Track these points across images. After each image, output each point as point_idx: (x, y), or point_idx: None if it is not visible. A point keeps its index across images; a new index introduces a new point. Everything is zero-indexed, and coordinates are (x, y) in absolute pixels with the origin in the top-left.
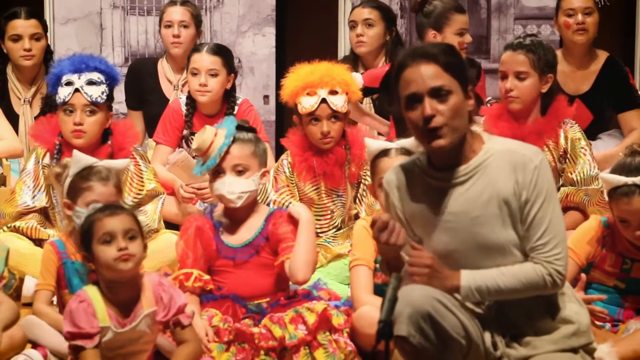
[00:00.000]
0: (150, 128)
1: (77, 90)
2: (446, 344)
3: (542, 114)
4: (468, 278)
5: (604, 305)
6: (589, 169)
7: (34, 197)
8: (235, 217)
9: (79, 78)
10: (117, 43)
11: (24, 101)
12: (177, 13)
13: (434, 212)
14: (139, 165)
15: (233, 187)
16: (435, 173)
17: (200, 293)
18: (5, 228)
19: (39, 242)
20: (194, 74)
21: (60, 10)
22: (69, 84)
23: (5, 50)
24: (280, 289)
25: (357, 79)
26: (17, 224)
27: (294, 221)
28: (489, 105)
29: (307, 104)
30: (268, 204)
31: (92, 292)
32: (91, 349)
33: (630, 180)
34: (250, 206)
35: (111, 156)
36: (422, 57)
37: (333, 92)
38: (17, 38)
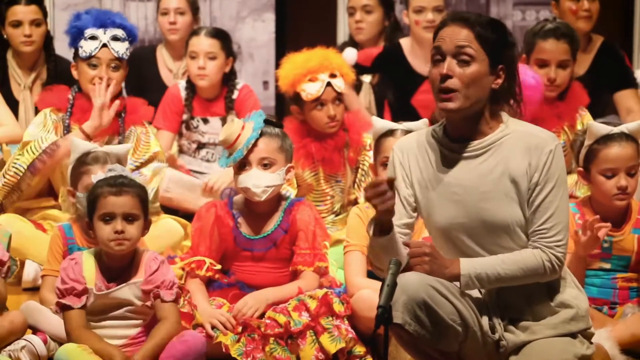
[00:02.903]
0: None
1: (104, 45)
2: (442, 331)
3: (560, 99)
4: (467, 266)
5: (598, 291)
6: None
7: (43, 136)
8: (254, 209)
9: (105, 33)
10: None
11: (24, 87)
12: (173, 1)
13: (443, 182)
14: (148, 133)
15: (259, 181)
16: (450, 143)
17: (208, 281)
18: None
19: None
20: (193, 57)
21: None
22: (93, 37)
23: (5, 36)
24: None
25: (351, 54)
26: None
27: (315, 213)
28: None
29: (312, 89)
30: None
31: (85, 255)
32: (77, 310)
33: (617, 129)
34: (271, 198)
35: (124, 110)
36: (460, 20)
37: (333, 76)
38: (18, 24)
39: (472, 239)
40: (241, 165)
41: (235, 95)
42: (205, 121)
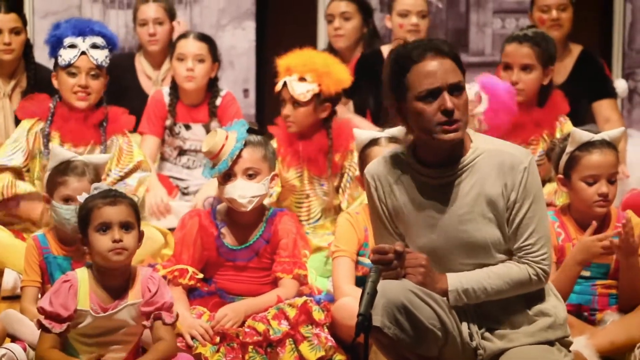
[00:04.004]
0: None
1: (83, 53)
2: (422, 335)
3: (540, 106)
4: (454, 282)
5: (577, 298)
6: None
7: (11, 155)
8: (237, 219)
9: (84, 41)
10: None
11: (4, 95)
12: (150, 11)
13: (420, 207)
14: (131, 142)
15: (245, 191)
16: (424, 169)
17: (188, 289)
18: None
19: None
20: (180, 60)
21: (40, 4)
22: (72, 46)
23: None
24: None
25: None
26: None
27: (296, 223)
28: None
29: (278, 84)
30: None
31: (80, 274)
32: (54, 335)
33: (598, 136)
34: (254, 208)
35: (105, 120)
36: (438, 52)
37: (301, 79)
38: None
39: (452, 260)
40: (226, 176)
41: (218, 102)
42: (188, 127)
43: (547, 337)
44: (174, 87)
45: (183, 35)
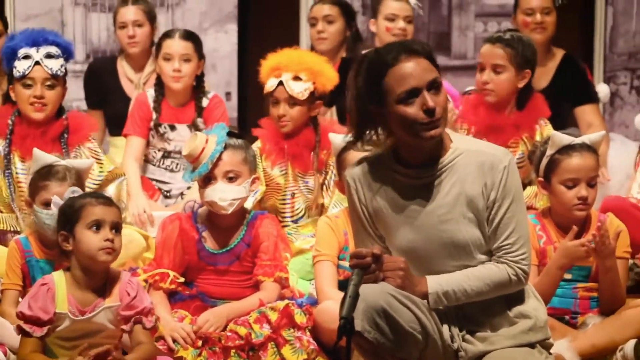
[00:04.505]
0: (111, 127)
1: (37, 63)
2: (402, 338)
3: (519, 109)
4: (434, 284)
5: (559, 301)
6: None
7: None
8: (218, 222)
9: (37, 51)
10: (79, 40)
11: None
12: (130, 13)
13: (400, 208)
14: (96, 149)
15: (225, 194)
16: (404, 169)
17: (170, 293)
18: None
19: None
20: (167, 60)
21: (21, 7)
22: (27, 57)
23: None
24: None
25: None
26: None
27: (277, 226)
28: (468, 94)
29: (269, 84)
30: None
31: (57, 277)
32: (35, 339)
33: (578, 139)
34: (235, 212)
35: (66, 131)
36: (412, 52)
37: (296, 78)
38: None
39: (431, 261)
40: (206, 180)
41: (205, 104)
42: (173, 128)
43: (528, 339)
44: (160, 86)
45: (168, 35)
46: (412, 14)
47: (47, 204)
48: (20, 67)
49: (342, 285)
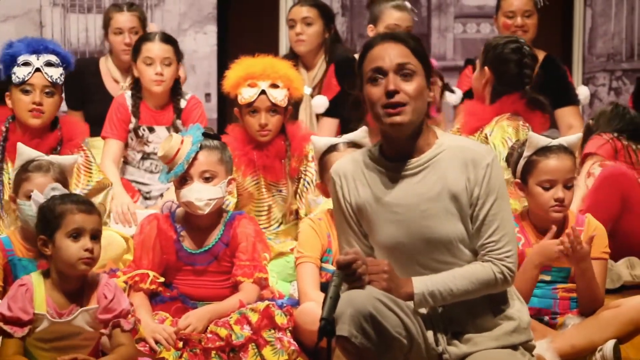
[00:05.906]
0: (92, 127)
1: (37, 70)
2: (387, 343)
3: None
4: (420, 285)
5: (538, 301)
6: None
7: None
8: (196, 222)
9: (38, 59)
10: (58, 41)
11: None
12: (126, 20)
13: (383, 203)
14: (88, 157)
15: (201, 194)
16: (387, 163)
17: (150, 295)
18: None
19: None
20: (148, 64)
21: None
22: (27, 64)
23: None
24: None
25: (321, 101)
26: None
27: (255, 226)
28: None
29: (246, 94)
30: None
31: (35, 278)
32: (16, 339)
33: (556, 141)
34: (212, 212)
35: (60, 143)
36: (391, 38)
37: (274, 86)
38: None
39: (415, 257)
40: (182, 180)
41: (183, 105)
42: (152, 130)
43: (511, 341)
44: (137, 89)
45: (147, 38)
46: (412, 24)
47: (29, 196)
48: (20, 73)
49: (325, 288)
